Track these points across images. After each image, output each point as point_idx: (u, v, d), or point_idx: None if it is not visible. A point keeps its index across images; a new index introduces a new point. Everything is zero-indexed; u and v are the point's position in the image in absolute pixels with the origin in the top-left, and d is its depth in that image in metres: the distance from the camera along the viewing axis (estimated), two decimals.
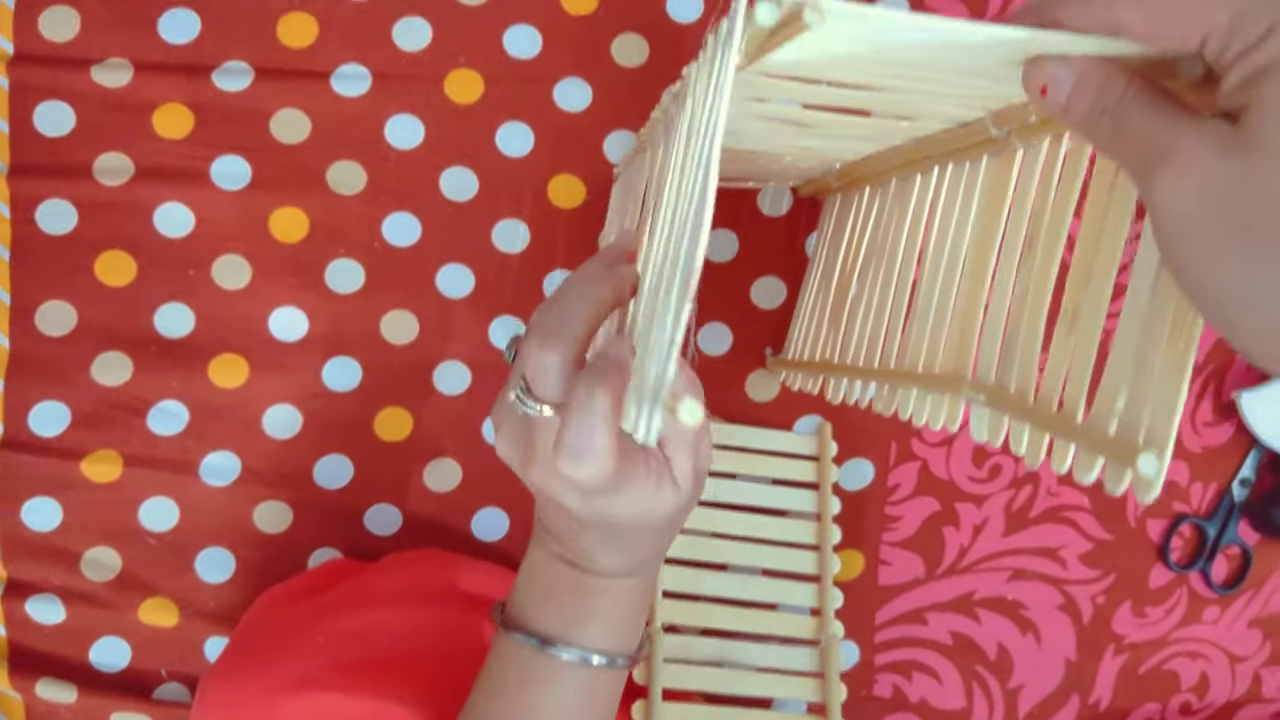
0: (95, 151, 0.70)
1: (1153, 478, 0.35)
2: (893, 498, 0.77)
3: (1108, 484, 0.37)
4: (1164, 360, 0.36)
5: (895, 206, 0.59)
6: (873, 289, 0.60)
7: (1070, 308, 0.42)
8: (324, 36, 0.71)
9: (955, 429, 0.50)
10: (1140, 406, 0.37)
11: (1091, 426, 0.39)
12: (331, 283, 0.71)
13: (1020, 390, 0.45)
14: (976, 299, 0.50)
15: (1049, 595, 0.78)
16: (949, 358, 0.52)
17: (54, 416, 0.70)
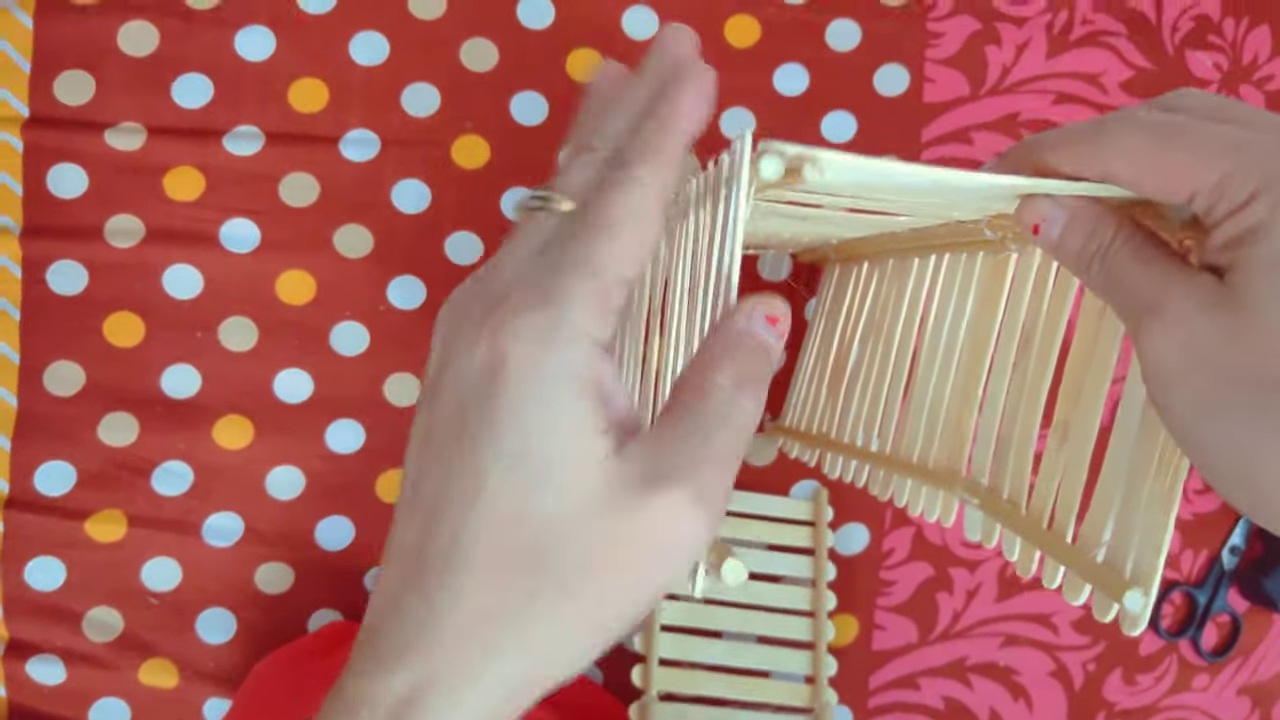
0: (107, 213, 0.70)
1: (1138, 614, 0.36)
2: (887, 563, 0.77)
3: (1096, 613, 0.38)
4: (1150, 494, 0.38)
5: (893, 285, 0.60)
6: (870, 364, 0.62)
7: (1062, 419, 0.43)
8: (334, 102, 0.72)
9: (950, 524, 0.51)
10: (1128, 538, 0.38)
11: (1079, 551, 0.40)
12: (336, 345, 0.72)
13: (1013, 498, 0.46)
14: (971, 393, 0.51)
15: (1041, 661, 0.79)
16: (944, 451, 0.52)
17: (60, 476, 0.70)
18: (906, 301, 0.58)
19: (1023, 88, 0.76)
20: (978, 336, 0.51)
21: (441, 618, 0.28)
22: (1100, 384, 0.42)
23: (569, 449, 0.28)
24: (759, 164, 0.32)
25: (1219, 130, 0.31)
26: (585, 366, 0.29)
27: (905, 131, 0.76)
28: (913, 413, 0.55)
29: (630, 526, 0.28)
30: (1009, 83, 0.76)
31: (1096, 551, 0.39)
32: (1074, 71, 0.76)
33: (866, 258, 0.64)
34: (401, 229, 0.73)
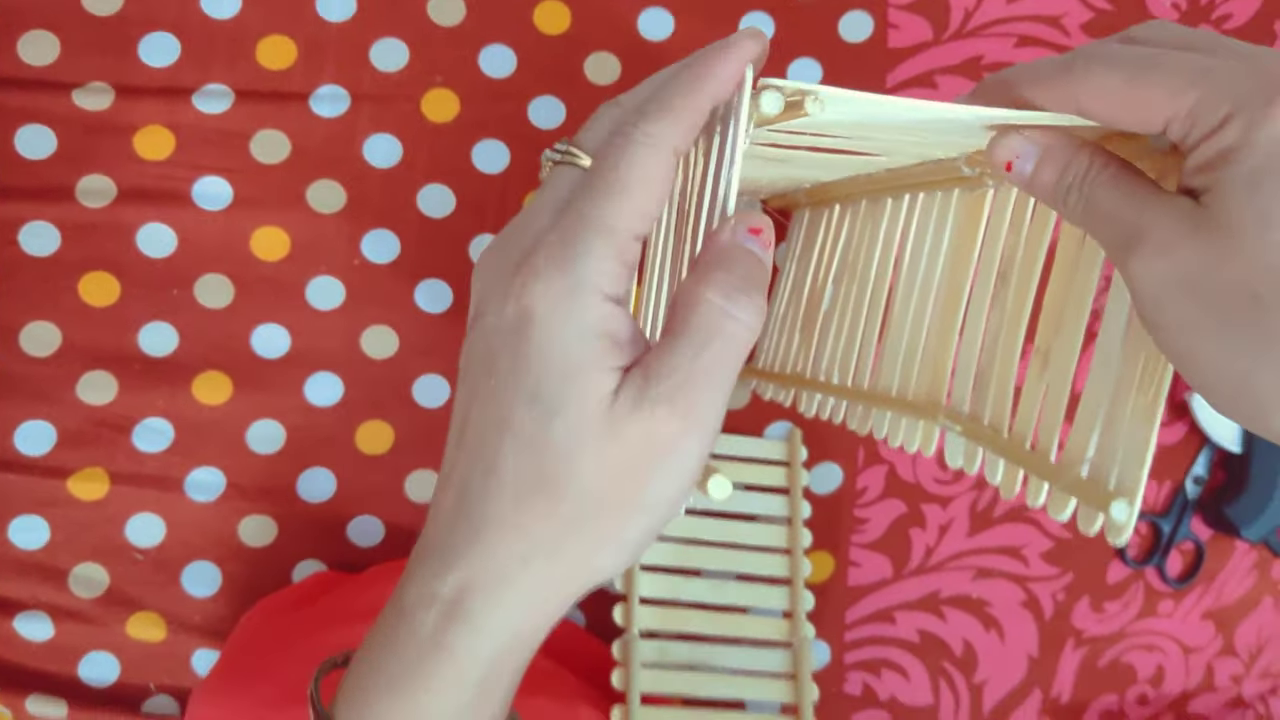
0: (77, 174, 0.71)
1: (1124, 523, 0.38)
2: (861, 500, 0.79)
3: (1081, 525, 0.40)
4: (1134, 408, 0.39)
5: (866, 226, 0.61)
6: (845, 306, 0.63)
7: (1043, 347, 0.45)
8: (303, 59, 0.72)
9: (930, 453, 0.52)
10: (1111, 452, 0.39)
11: (1064, 467, 0.42)
12: (312, 300, 0.73)
13: (994, 424, 0.47)
14: (950, 328, 0.52)
15: (1012, 593, 0.81)
16: (923, 383, 0.54)
17: (40, 435, 0.71)
18: (880, 241, 0.59)
19: (985, 31, 0.77)
20: (955, 271, 0.52)
21: (480, 532, 0.33)
22: (1081, 309, 0.43)
23: (577, 388, 0.32)
24: (759, 99, 0.34)
25: (1188, 59, 0.32)
26: (599, 320, 0.32)
27: (870, 77, 0.77)
28: (890, 348, 0.56)
29: (624, 449, 0.31)
30: (971, 26, 0.77)
31: (1080, 467, 0.41)
32: (1035, 14, 0.77)
33: (838, 200, 0.65)
34: (373, 183, 0.73)
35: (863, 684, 0.80)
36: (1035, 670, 0.82)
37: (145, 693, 0.72)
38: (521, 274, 0.32)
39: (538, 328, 0.32)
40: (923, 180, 0.54)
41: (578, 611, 0.76)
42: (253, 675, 0.60)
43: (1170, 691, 0.83)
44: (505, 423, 0.32)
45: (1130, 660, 0.82)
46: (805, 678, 0.71)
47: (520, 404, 0.32)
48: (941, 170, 0.51)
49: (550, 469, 0.32)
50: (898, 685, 0.80)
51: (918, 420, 0.53)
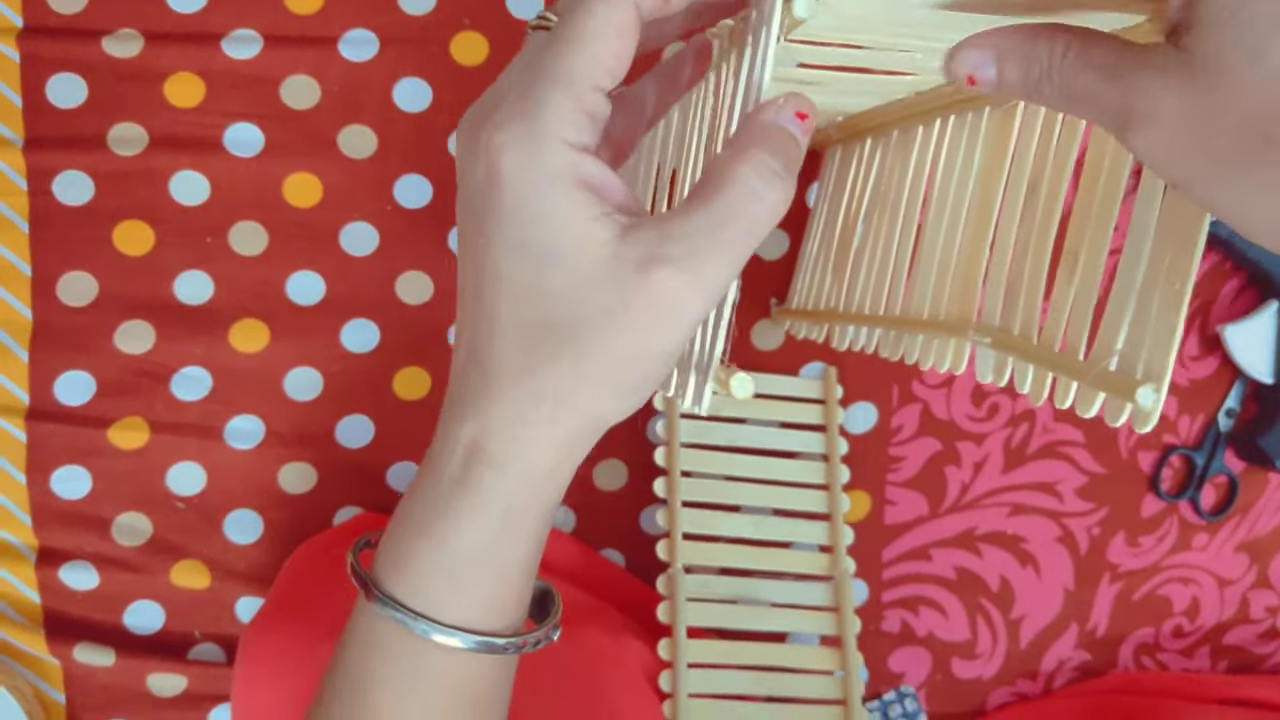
0: (109, 122, 0.70)
1: (1150, 409, 0.38)
2: (896, 439, 0.79)
3: (1108, 416, 0.40)
4: (1161, 299, 0.39)
5: (898, 157, 0.61)
6: (876, 238, 0.63)
7: (1072, 250, 0.45)
8: (331, 2, 0.72)
9: (960, 371, 0.52)
10: (1139, 343, 0.40)
11: (1092, 364, 0.42)
12: (346, 246, 0.73)
13: (1024, 332, 0.47)
14: (980, 246, 0.52)
15: (1047, 528, 0.81)
16: (954, 304, 0.54)
17: (80, 386, 0.71)
18: (911, 170, 0.59)
19: None
20: (986, 189, 0.52)
21: (491, 378, 0.34)
22: (1110, 208, 0.43)
23: (565, 235, 0.32)
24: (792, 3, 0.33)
25: None
26: (566, 166, 0.32)
27: None
28: (921, 272, 0.56)
29: (628, 299, 0.32)
30: None
31: (1109, 360, 0.41)
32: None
33: (869, 133, 0.65)
34: (404, 128, 0.73)
35: (900, 621, 0.80)
36: (1071, 604, 0.82)
37: (190, 640, 0.73)
38: (486, 129, 0.33)
39: (506, 179, 0.32)
40: (953, 100, 0.54)
41: (617, 553, 0.76)
42: (304, 609, 0.60)
43: (1205, 624, 0.84)
44: (499, 276, 0.33)
45: (1166, 593, 0.83)
46: (847, 610, 0.72)
47: (508, 256, 0.33)
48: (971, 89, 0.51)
49: (548, 313, 0.33)
50: (935, 622, 0.81)
51: (948, 339, 0.53)
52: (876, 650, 0.80)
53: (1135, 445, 0.81)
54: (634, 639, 0.67)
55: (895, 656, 0.80)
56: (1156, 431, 0.81)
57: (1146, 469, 0.82)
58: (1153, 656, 0.83)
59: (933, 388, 0.79)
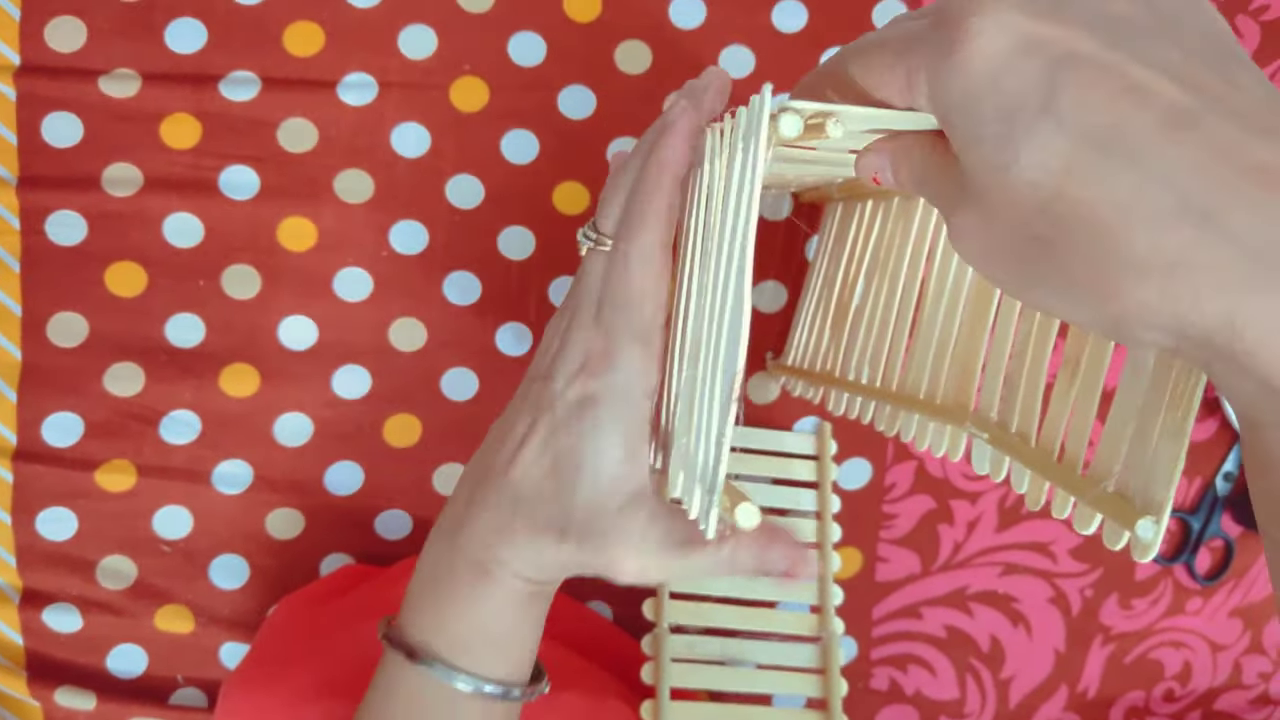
0: (104, 162, 0.70)
1: (1150, 541, 0.37)
2: (890, 496, 0.79)
3: (1106, 541, 0.39)
4: (1164, 424, 0.38)
5: (899, 223, 0.61)
6: (875, 305, 0.62)
7: (1072, 356, 0.44)
8: (330, 46, 0.71)
9: (957, 459, 0.52)
10: (1139, 469, 0.39)
11: (1091, 481, 0.41)
12: (340, 291, 0.72)
13: (1022, 431, 0.47)
14: (980, 330, 0.51)
15: (1040, 589, 0.80)
16: (951, 388, 0.53)
17: (67, 427, 0.70)
18: (912, 238, 0.59)
19: None
20: None
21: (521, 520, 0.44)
22: None
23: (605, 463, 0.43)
24: (779, 122, 0.33)
25: (901, 27, 0.31)
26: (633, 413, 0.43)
27: None
28: (919, 349, 0.56)
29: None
30: None
31: (1107, 482, 0.40)
32: None
33: (871, 196, 0.65)
34: (402, 173, 0.72)
35: (889, 679, 0.80)
36: (1062, 666, 0.81)
37: (173, 685, 0.72)
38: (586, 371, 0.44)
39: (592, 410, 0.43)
40: None
41: (605, 606, 0.76)
42: (284, 667, 0.59)
43: (1197, 688, 0.83)
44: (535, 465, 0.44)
45: (1158, 657, 0.82)
46: (834, 673, 0.71)
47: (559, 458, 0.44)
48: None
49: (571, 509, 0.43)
50: (924, 681, 0.80)
51: (945, 425, 0.52)
52: (864, 708, 0.79)
53: None
54: (617, 700, 0.66)
55: (883, 715, 0.80)
56: None
57: None
58: None
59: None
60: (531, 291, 0.74)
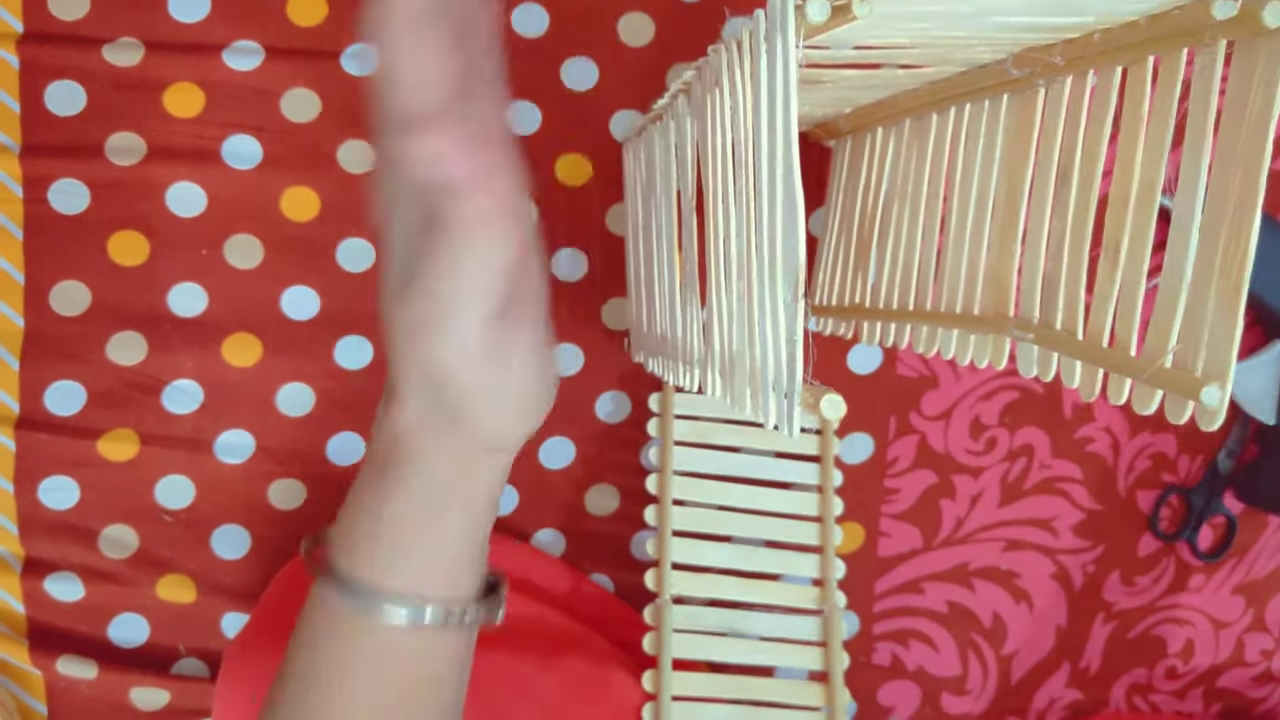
0: (107, 131, 0.70)
1: (1216, 408, 0.37)
2: (892, 471, 0.79)
3: (1169, 414, 0.39)
4: (1218, 291, 0.38)
5: (913, 147, 0.60)
6: (899, 231, 0.61)
7: (1112, 243, 0.43)
8: (333, 15, 0.71)
9: (1001, 366, 0.51)
10: (1196, 339, 0.39)
11: (1147, 361, 0.41)
12: (342, 261, 0.72)
13: (1067, 327, 0.46)
14: (1011, 237, 0.51)
15: (1042, 565, 0.80)
16: (988, 297, 0.53)
17: (70, 396, 0.71)
18: (930, 158, 0.58)
19: None
20: (1011, 179, 0.51)
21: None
22: (1150, 199, 0.42)
23: None
24: (806, 8, 0.33)
25: None
26: None
27: None
28: (950, 266, 0.55)
29: None
30: None
31: (1164, 359, 0.40)
32: None
33: (880, 123, 0.64)
34: None
35: (891, 654, 0.80)
36: (1064, 642, 0.81)
37: (174, 654, 0.72)
38: None
39: None
40: (968, 90, 0.53)
41: (606, 579, 0.76)
42: (287, 631, 0.59)
43: (1199, 665, 0.83)
44: None
45: (1160, 634, 0.82)
46: (836, 646, 0.71)
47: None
48: (987, 76, 0.50)
49: None
50: (926, 656, 0.80)
51: (986, 335, 0.52)
52: (866, 683, 0.79)
53: (1134, 483, 0.80)
54: (619, 669, 0.66)
55: (884, 690, 0.80)
56: (1155, 470, 0.81)
57: (1145, 508, 0.81)
58: (1145, 697, 0.82)
59: (930, 420, 0.78)
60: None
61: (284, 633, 0.59)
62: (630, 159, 0.70)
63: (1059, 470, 0.80)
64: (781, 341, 0.37)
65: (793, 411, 0.36)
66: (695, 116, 0.50)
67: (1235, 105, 0.37)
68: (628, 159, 0.71)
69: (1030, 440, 0.79)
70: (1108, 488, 0.80)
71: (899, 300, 0.61)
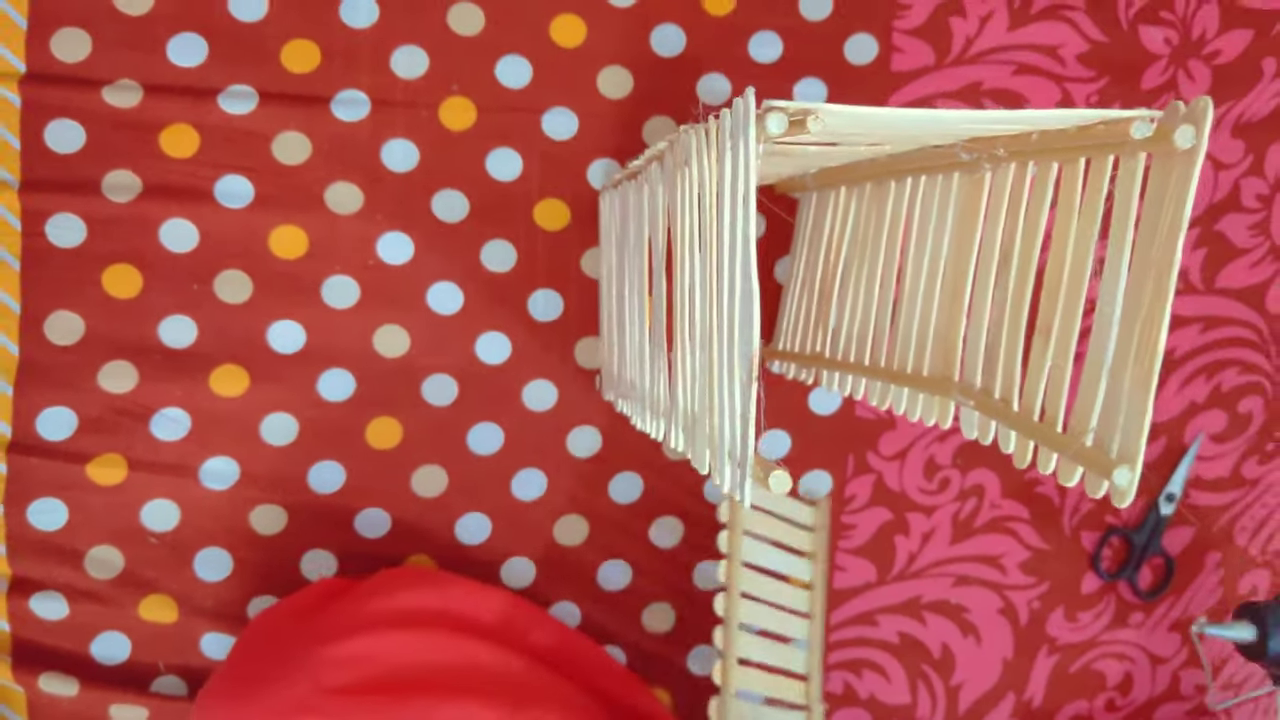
0: (104, 169, 0.73)
1: (1126, 488, 0.42)
2: (849, 508, 0.82)
3: (1088, 489, 0.44)
4: (1132, 377, 0.42)
5: (872, 209, 0.64)
6: (857, 286, 0.66)
7: (1045, 324, 0.48)
8: (326, 63, 0.74)
9: (946, 427, 0.56)
10: (1113, 421, 0.43)
11: (1071, 437, 0.45)
12: (328, 298, 0.75)
13: (1005, 396, 0.51)
14: (958, 307, 0.55)
15: (990, 600, 0.84)
16: (936, 360, 0.57)
17: (61, 421, 0.73)
18: (888, 222, 0.62)
19: (985, 58, 0.80)
20: (960, 252, 0.55)
21: None
22: (1078, 287, 0.46)
23: None
24: (765, 121, 0.37)
25: None
26: None
27: (873, 98, 0.79)
28: (903, 327, 0.60)
29: None
30: (972, 53, 0.80)
31: (1085, 437, 0.45)
32: (1033, 44, 0.80)
33: (843, 183, 0.68)
34: (390, 187, 0.75)
35: (844, 683, 0.83)
36: (1010, 674, 0.85)
37: (154, 672, 0.75)
38: None
39: None
40: (923, 165, 0.57)
41: (575, 606, 0.79)
42: (260, 686, 0.60)
43: (1137, 699, 0.87)
44: None
45: (1100, 668, 0.86)
46: None
47: None
48: (940, 156, 0.55)
49: None
50: (878, 685, 0.84)
51: (934, 396, 0.56)
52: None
53: (1078, 525, 0.84)
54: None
55: (838, 717, 0.83)
56: (1099, 512, 0.85)
57: (1088, 547, 0.85)
58: None
59: (887, 459, 0.82)
60: (511, 302, 0.77)
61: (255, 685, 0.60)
62: (606, 208, 0.73)
63: (1008, 510, 0.84)
64: (737, 417, 0.41)
65: (744, 482, 0.40)
66: (667, 184, 0.54)
67: (1152, 211, 0.41)
68: (604, 207, 0.74)
69: (981, 481, 0.83)
70: (1053, 528, 0.84)
71: (855, 354, 0.65)
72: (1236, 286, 0.84)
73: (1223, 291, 0.84)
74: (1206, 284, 0.83)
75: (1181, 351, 0.84)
